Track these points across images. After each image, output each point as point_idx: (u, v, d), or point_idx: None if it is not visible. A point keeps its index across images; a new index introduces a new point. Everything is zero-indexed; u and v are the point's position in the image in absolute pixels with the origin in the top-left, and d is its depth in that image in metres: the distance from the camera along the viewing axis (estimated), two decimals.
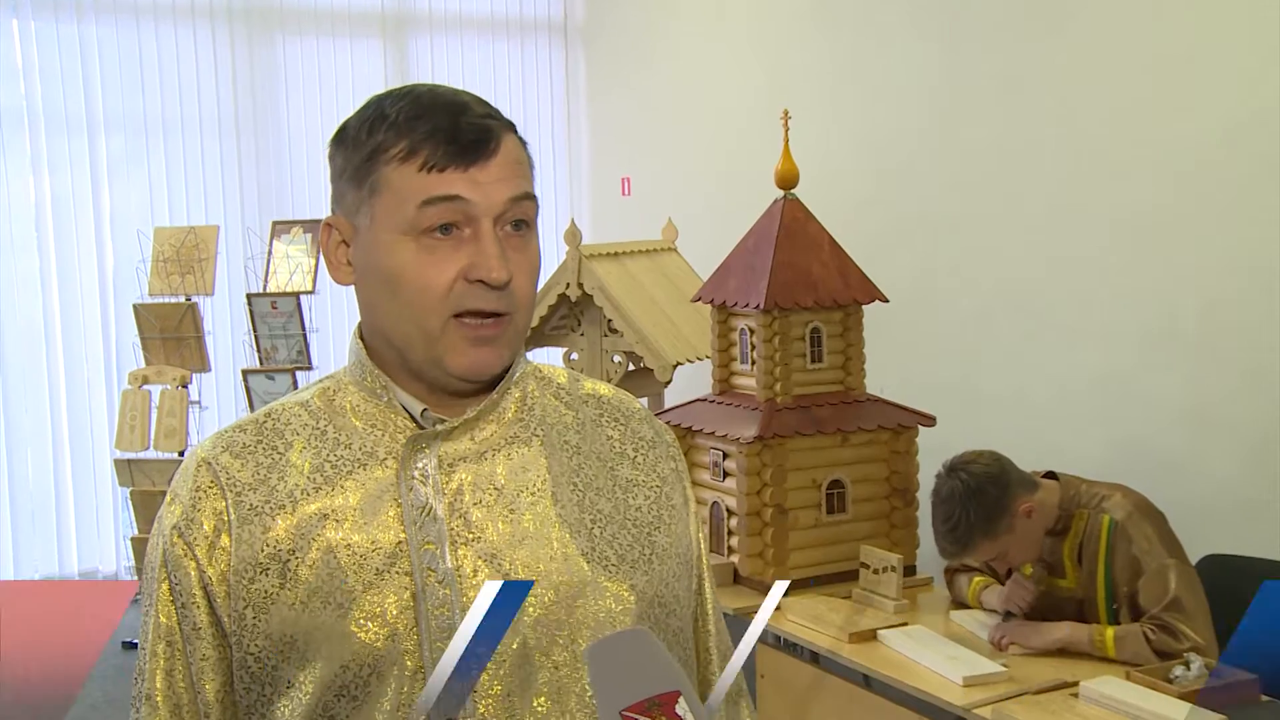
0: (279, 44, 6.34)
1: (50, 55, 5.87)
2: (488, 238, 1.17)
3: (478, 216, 1.18)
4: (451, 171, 1.17)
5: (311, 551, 1.18)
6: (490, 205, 1.18)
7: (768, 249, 3.36)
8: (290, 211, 6.19)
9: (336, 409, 1.26)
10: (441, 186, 1.16)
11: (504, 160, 1.19)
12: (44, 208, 5.93)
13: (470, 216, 1.18)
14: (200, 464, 1.23)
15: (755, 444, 3.23)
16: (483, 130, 1.19)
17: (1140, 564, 2.74)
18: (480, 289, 1.17)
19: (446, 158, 1.17)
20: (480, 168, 1.18)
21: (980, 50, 4.42)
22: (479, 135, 1.18)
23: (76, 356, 6.00)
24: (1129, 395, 3.92)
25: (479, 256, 1.17)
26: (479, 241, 1.17)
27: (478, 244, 1.17)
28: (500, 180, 1.19)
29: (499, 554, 1.19)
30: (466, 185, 1.17)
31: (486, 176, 1.18)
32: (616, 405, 1.36)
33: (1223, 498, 3.60)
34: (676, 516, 1.32)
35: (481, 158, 1.18)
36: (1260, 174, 3.51)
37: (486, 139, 1.18)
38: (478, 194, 1.17)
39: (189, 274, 5.46)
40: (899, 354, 4.53)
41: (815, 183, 3.81)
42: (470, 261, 1.17)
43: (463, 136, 1.17)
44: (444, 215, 1.17)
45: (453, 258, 1.17)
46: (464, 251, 1.18)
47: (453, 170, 1.17)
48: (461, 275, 1.17)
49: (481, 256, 1.17)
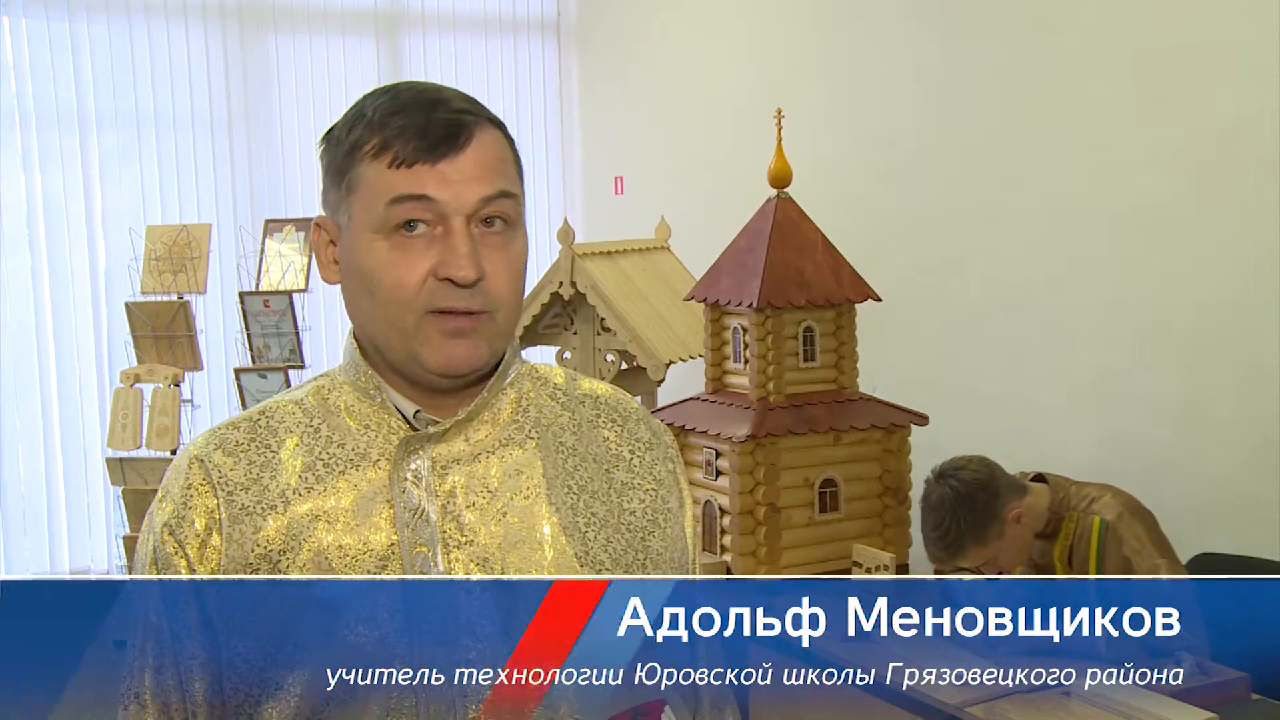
0: (271, 42, 6.32)
1: (41, 52, 5.84)
2: (458, 235, 1.17)
3: (448, 215, 1.17)
4: (420, 167, 1.16)
5: (302, 553, 1.17)
6: (460, 204, 1.17)
7: (761, 248, 3.36)
8: (283, 210, 6.17)
9: (330, 408, 1.25)
10: (409, 184, 1.16)
11: (477, 156, 1.18)
12: (35, 205, 5.90)
13: (440, 215, 1.17)
14: (192, 461, 1.23)
15: (748, 443, 3.23)
16: (454, 125, 1.18)
17: (1131, 564, 2.74)
18: (450, 287, 1.17)
19: (415, 153, 1.16)
20: (450, 162, 1.17)
21: (976, 48, 4.41)
22: (449, 130, 1.17)
23: (68, 354, 5.98)
24: (1125, 394, 3.92)
25: (448, 254, 1.16)
26: (449, 238, 1.17)
27: (448, 240, 1.17)
28: (473, 178, 1.17)
29: (491, 557, 1.19)
30: (435, 183, 1.16)
31: (457, 173, 1.17)
32: (614, 406, 1.35)
33: (1219, 497, 3.61)
34: (672, 520, 1.32)
35: (451, 152, 1.17)
36: (1260, 173, 3.51)
37: (456, 134, 1.17)
38: (447, 192, 1.16)
39: (181, 272, 5.44)
40: (892, 352, 4.53)
41: (809, 181, 3.81)
42: (440, 259, 1.17)
43: (433, 132, 1.16)
44: (412, 213, 1.16)
45: (425, 254, 1.17)
46: (435, 249, 1.17)
47: (421, 165, 1.16)
48: (432, 273, 1.17)
49: (450, 254, 1.16)
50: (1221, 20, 3.60)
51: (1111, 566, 2.78)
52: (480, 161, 1.18)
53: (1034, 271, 4.22)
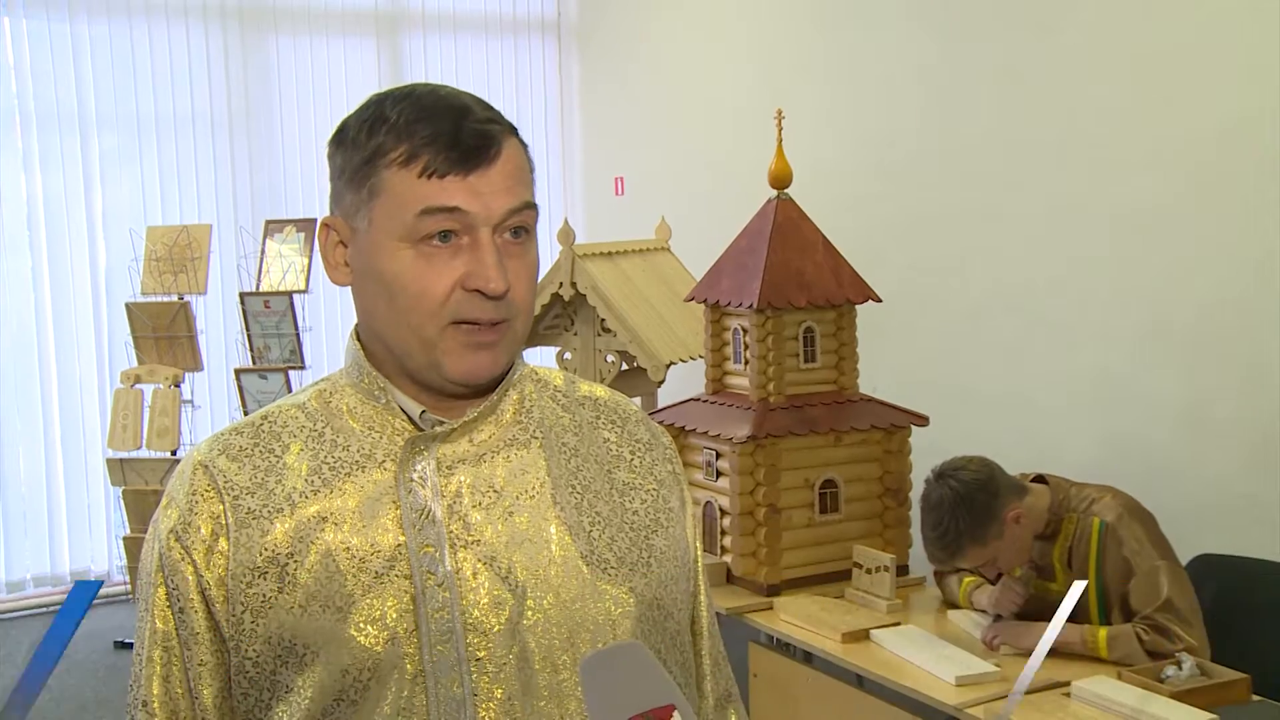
0: (272, 42, 6.33)
1: (42, 53, 5.85)
2: (486, 247, 1.16)
3: (476, 226, 1.17)
4: (452, 178, 1.16)
5: (310, 555, 1.17)
6: (489, 215, 1.17)
7: (761, 249, 3.36)
8: (283, 210, 6.17)
9: (333, 411, 1.25)
10: (441, 196, 1.15)
11: (505, 168, 1.18)
12: (36, 206, 5.91)
13: (468, 225, 1.17)
14: (197, 467, 1.22)
15: (748, 444, 3.24)
16: (485, 136, 1.17)
17: (1131, 565, 2.75)
18: (478, 298, 1.17)
19: (447, 164, 1.15)
20: (481, 175, 1.16)
21: (976, 48, 4.42)
22: (481, 141, 1.17)
23: (68, 355, 5.98)
24: (1125, 394, 3.92)
25: (477, 266, 1.16)
26: (477, 250, 1.16)
27: (476, 253, 1.16)
28: (501, 190, 1.17)
29: (498, 556, 1.19)
30: (466, 195, 1.16)
31: (487, 185, 1.17)
32: (613, 407, 1.36)
33: (1219, 497, 3.61)
34: (674, 519, 1.32)
35: (483, 164, 1.17)
36: (1259, 173, 3.51)
37: (488, 145, 1.17)
38: (477, 204, 1.16)
39: (181, 273, 5.45)
40: (892, 353, 4.54)
41: (809, 181, 3.82)
42: (468, 270, 1.16)
43: (464, 142, 1.16)
44: (442, 224, 1.16)
45: (451, 265, 1.17)
46: (462, 259, 1.17)
47: (453, 177, 1.16)
48: (459, 284, 1.17)
49: (479, 266, 1.16)
50: (1221, 20, 3.61)
51: (1111, 568, 2.79)
52: (507, 174, 1.19)
53: (1034, 272, 4.22)
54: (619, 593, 1.22)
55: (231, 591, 1.18)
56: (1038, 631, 2.79)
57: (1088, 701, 2.50)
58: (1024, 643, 2.79)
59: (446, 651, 1.15)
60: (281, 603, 1.16)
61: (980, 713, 2.54)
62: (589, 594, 1.20)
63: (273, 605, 1.17)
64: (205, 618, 1.19)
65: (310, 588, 1.16)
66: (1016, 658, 2.77)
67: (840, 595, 3.24)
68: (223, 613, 1.18)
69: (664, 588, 1.27)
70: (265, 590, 1.17)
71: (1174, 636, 2.64)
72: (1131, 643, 2.67)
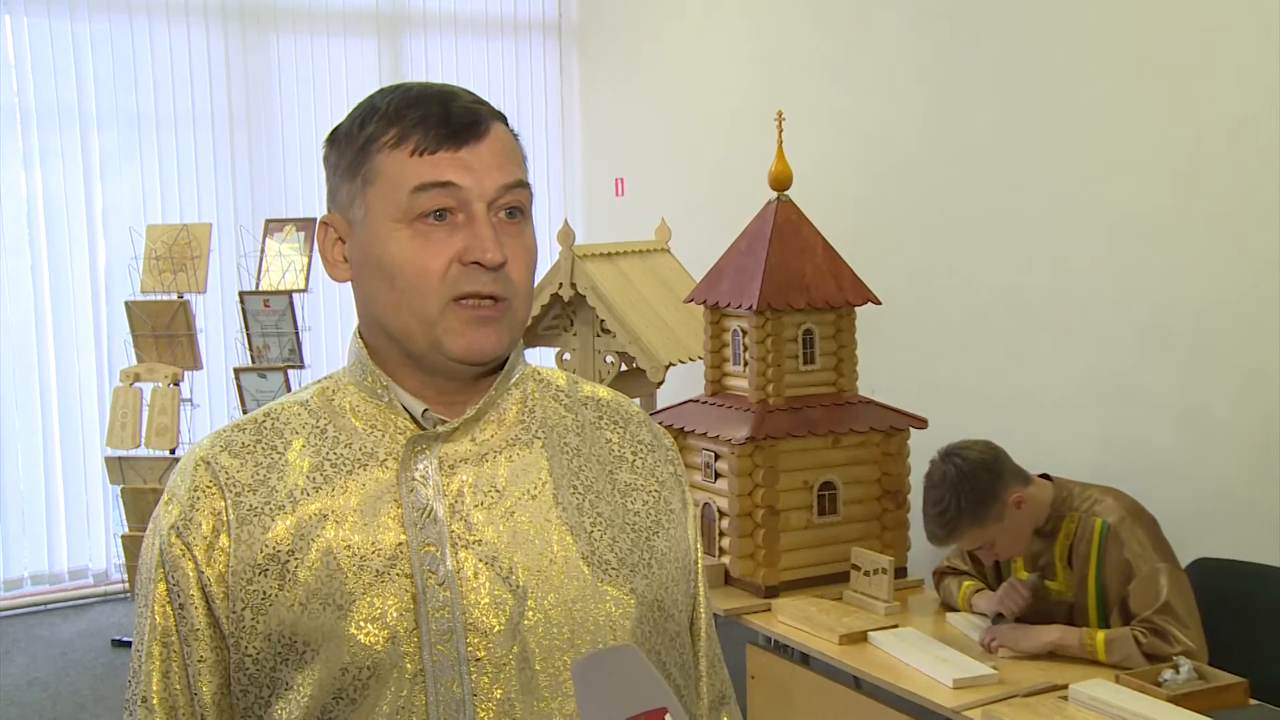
0: (273, 42, 6.33)
1: (43, 51, 5.85)
2: (481, 221, 1.18)
3: (470, 201, 1.18)
4: (443, 153, 1.18)
5: (311, 553, 1.17)
6: (483, 190, 1.18)
7: (761, 250, 3.36)
8: (283, 209, 6.18)
9: (336, 409, 1.25)
10: (433, 172, 1.17)
11: (495, 145, 1.20)
12: (35, 204, 5.91)
13: (463, 201, 1.18)
14: (199, 463, 1.23)
15: (747, 445, 3.24)
16: (472, 114, 1.20)
17: (1132, 567, 2.74)
18: (476, 271, 1.18)
19: (437, 140, 1.18)
20: (471, 150, 1.18)
21: (976, 49, 4.42)
22: (469, 118, 1.19)
23: (68, 353, 5.98)
24: (1125, 396, 3.92)
25: (473, 239, 1.17)
26: (473, 225, 1.18)
27: (472, 227, 1.18)
28: (493, 166, 1.19)
29: (499, 556, 1.19)
30: (458, 170, 1.18)
31: (478, 161, 1.19)
32: (615, 408, 1.36)
33: (1219, 500, 3.61)
34: (675, 521, 1.33)
35: (472, 139, 1.19)
36: (1259, 174, 3.51)
37: (476, 121, 1.20)
38: (469, 179, 1.18)
39: (181, 271, 5.45)
40: (892, 355, 4.54)
41: (809, 183, 3.82)
42: (465, 245, 1.18)
43: (454, 120, 1.19)
44: (437, 201, 1.18)
45: (448, 242, 1.18)
46: (459, 236, 1.18)
47: (444, 152, 1.18)
48: (457, 258, 1.18)
49: (476, 239, 1.17)
50: (1221, 20, 3.61)
51: (1111, 568, 2.79)
52: (498, 151, 1.21)
53: (1033, 274, 4.22)
54: (620, 594, 1.22)
55: (232, 588, 1.18)
56: (1037, 635, 2.80)
57: (1085, 705, 2.50)
58: (1022, 645, 2.79)
59: (446, 651, 1.15)
60: (282, 600, 1.16)
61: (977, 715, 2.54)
62: (590, 595, 1.20)
63: (273, 602, 1.17)
64: (205, 614, 1.19)
65: (311, 585, 1.16)
66: (1015, 660, 2.77)
67: (838, 597, 3.24)
68: (223, 609, 1.18)
69: (665, 589, 1.27)
70: (266, 587, 1.17)
71: (1172, 640, 2.64)
72: (1130, 645, 2.67)
